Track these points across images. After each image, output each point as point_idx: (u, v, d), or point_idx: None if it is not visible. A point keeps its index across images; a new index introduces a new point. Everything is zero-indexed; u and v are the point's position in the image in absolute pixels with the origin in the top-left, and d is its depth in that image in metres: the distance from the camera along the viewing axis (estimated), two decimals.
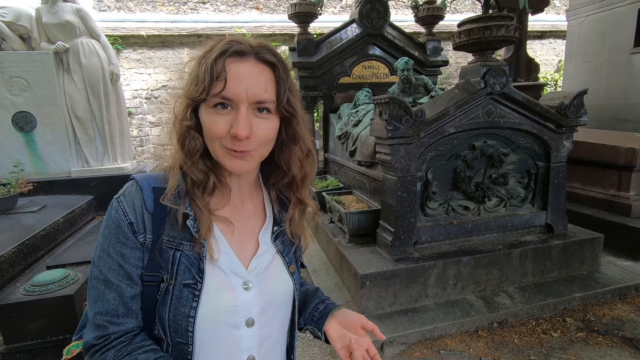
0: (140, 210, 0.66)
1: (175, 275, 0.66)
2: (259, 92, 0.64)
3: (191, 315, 0.66)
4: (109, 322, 0.65)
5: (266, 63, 0.66)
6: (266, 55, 0.66)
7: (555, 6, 10.53)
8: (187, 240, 0.67)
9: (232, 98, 0.63)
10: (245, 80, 0.63)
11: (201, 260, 0.67)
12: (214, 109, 0.64)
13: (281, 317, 0.79)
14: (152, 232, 0.66)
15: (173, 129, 0.69)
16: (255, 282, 0.71)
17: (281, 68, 0.67)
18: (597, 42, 5.16)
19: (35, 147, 4.42)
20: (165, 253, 0.66)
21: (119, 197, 0.68)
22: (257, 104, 0.64)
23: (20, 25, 4.35)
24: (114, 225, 0.66)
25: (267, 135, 0.67)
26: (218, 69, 0.62)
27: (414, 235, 2.51)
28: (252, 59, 0.65)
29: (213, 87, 0.62)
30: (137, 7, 8.83)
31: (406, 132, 2.33)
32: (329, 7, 9.59)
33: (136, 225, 0.65)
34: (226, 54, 0.63)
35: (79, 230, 3.45)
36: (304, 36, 4.34)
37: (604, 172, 3.35)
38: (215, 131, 0.64)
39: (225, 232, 0.71)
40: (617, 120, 4.81)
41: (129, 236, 0.65)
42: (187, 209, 0.67)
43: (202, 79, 0.63)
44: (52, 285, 2.01)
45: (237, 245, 0.72)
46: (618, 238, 3.02)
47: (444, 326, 2.26)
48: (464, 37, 2.48)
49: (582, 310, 2.47)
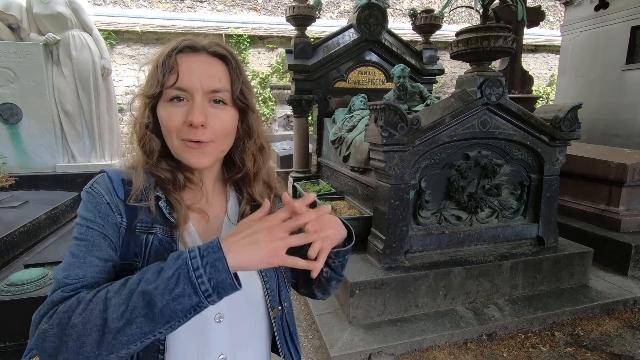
0: (114, 196, 0.65)
1: (147, 259, 0.64)
2: (212, 82, 0.66)
3: None
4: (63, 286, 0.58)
5: (218, 56, 0.68)
6: (217, 49, 0.68)
7: (550, 21, 10.72)
8: (159, 223, 0.66)
9: (187, 88, 0.64)
10: (199, 72, 0.65)
11: (174, 242, 0.66)
12: (170, 103, 0.65)
13: (254, 314, 0.74)
14: (126, 217, 0.65)
15: (133, 131, 0.70)
16: None
17: (233, 61, 0.69)
18: (590, 58, 5.23)
19: (20, 140, 4.30)
20: (138, 238, 0.65)
21: (92, 184, 0.67)
22: (212, 94, 0.66)
23: (10, 14, 4.24)
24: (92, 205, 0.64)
25: (224, 125, 0.68)
26: (171, 63, 0.64)
27: (406, 243, 2.48)
28: (204, 53, 0.68)
29: (167, 80, 0.64)
30: (133, 2, 8.72)
31: (401, 140, 2.30)
32: (327, 11, 9.61)
33: (113, 206, 0.64)
34: (177, 48, 0.66)
35: (62, 228, 3.34)
36: (301, 39, 4.31)
37: (594, 186, 3.37)
38: (171, 123, 0.64)
39: (196, 223, 0.71)
40: (607, 135, 4.87)
41: (109, 213, 0.64)
42: (158, 192, 0.67)
43: (155, 75, 0.64)
44: (29, 285, 1.92)
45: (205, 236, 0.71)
46: (607, 252, 3.03)
47: (433, 337, 2.22)
48: (461, 47, 2.47)
49: (570, 324, 2.46)
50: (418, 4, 10.15)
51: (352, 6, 9.16)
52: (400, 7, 10.18)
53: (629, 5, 4.67)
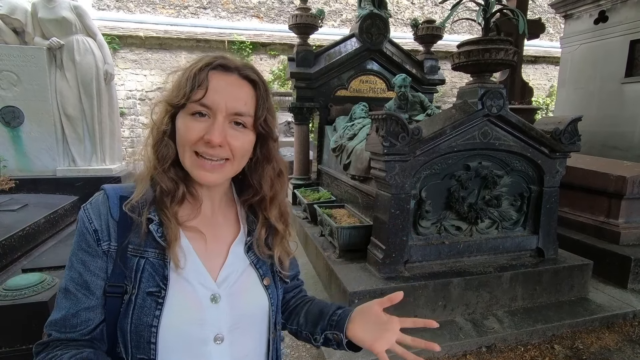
0: (106, 217, 0.65)
1: (138, 284, 0.63)
2: (238, 105, 0.66)
3: (154, 325, 0.62)
4: (54, 330, 0.63)
5: (248, 80, 0.69)
6: (249, 72, 0.69)
7: (549, 33, 10.82)
8: (151, 247, 0.66)
9: (211, 106, 0.64)
10: (226, 92, 0.65)
11: (165, 267, 0.65)
12: (192, 117, 0.65)
13: (255, 335, 0.74)
14: (116, 240, 0.65)
15: (150, 135, 0.69)
16: (224, 295, 0.68)
17: (262, 87, 0.70)
18: (589, 70, 5.28)
19: (21, 143, 4.30)
20: (129, 261, 0.64)
21: (86, 205, 0.67)
22: (235, 116, 0.66)
23: (15, 18, 4.27)
24: (80, 233, 0.65)
25: (242, 147, 0.68)
26: (201, 78, 0.64)
27: (405, 253, 2.47)
28: (235, 74, 0.68)
29: (194, 94, 0.64)
30: (137, 7, 8.80)
31: (402, 149, 2.31)
32: (330, 20, 9.70)
33: (100, 233, 0.65)
34: (210, 65, 0.66)
35: (61, 232, 3.33)
36: (304, 47, 4.34)
37: (594, 198, 3.37)
38: (188, 136, 0.65)
39: (194, 242, 0.70)
40: (606, 147, 4.89)
41: (91, 244, 0.64)
42: (152, 214, 0.66)
43: (183, 86, 0.64)
44: (26, 290, 1.91)
45: (206, 257, 0.70)
46: (606, 265, 3.03)
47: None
48: (463, 58, 2.50)
49: (570, 337, 2.45)
50: (419, 14, 10.25)
51: (354, 15, 9.25)
52: (402, 17, 10.28)
53: (627, 19, 4.72)
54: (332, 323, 0.81)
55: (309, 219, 3.66)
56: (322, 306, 0.88)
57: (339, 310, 0.84)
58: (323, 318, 0.83)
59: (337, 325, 0.80)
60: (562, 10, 5.57)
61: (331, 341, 0.81)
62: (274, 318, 0.77)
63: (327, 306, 0.87)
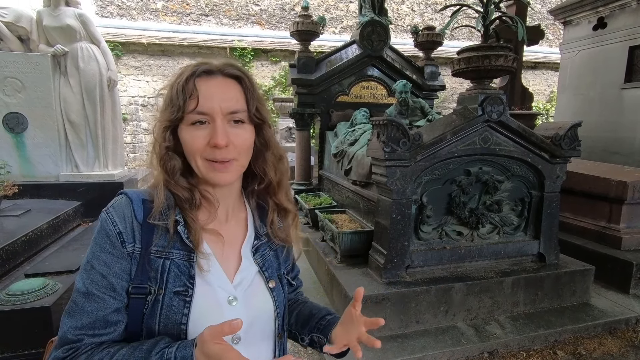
0: (130, 220, 0.67)
1: (165, 284, 0.66)
2: (230, 104, 0.69)
3: (183, 323, 0.65)
4: (84, 334, 0.63)
5: (232, 77, 0.71)
6: (231, 70, 0.71)
7: (549, 39, 10.89)
8: (177, 248, 0.68)
9: (208, 112, 0.67)
10: (216, 95, 0.68)
11: (191, 267, 0.67)
12: (193, 127, 0.68)
13: (266, 336, 0.78)
14: (141, 242, 0.67)
15: (153, 152, 0.72)
16: (240, 298, 0.71)
17: (247, 80, 0.73)
18: (589, 76, 5.30)
19: (25, 149, 4.33)
20: (154, 263, 0.66)
21: (108, 208, 0.68)
22: (231, 115, 0.69)
23: (20, 26, 4.33)
24: (102, 235, 0.66)
25: (245, 142, 0.72)
26: (189, 88, 0.67)
27: (407, 258, 2.48)
28: (219, 75, 0.70)
29: (187, 105, 0.66)
30: (139, 15, 8.89)
31: (403, 155, 2.32)
32: (330, 26, 9.79)
33: (125, 235, 0.66)
34: (195, 74, 0.69)
35: (63, 237, 3.34)
36: (305, 54, 4.38)
37: (595, 204, 3.38)
38: (195, 145, 0.67)
39: (213, 245, 0.72)
40: (607, 152, 4.90)
41: (117, 245, 0.65)
42: (177, 216, 0.69)
43: (175, 100, 0.67)
44: (29, 295, 1.92)
45: (223, 260, 0.73)
46: (608, 270, 3.02)
47: (433, 354, 2.20)
48: (463, 65, 2.52)
49: (572, 343, 2.44)
50: (419, 21, 10.34)
51: (354, 22, 9.33)
52: (402, 24, 10.37)
53: (626, 25, 4.76)
54: (319, 327, 0.86)
55: (310, 224, 3.67)
56: (313, 309, 0.92)
57: (329, 316, 0.88)
58: (312, 320, 0.88)
59: (323, 330, 0.84)
60: (561, 17, 5.62)
61: (316, 343, 0.86)
62: (281, 320, 0.80)
63: (318, 310, 0.92)
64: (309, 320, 0.88)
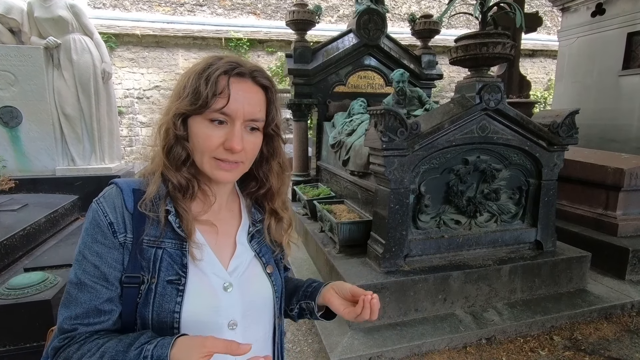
0: (121, 209, 0.67)
1: (157, 273, 0.66)
2: (254, 111, 0.69)
3: (176, 311, 0.65)
4: (78, 324, 0.64)
5: (260, 86, 0.71)
6: (261, 79, 0.71)
7: (547, 26, 10.81)
8: (169, 237, 0.68)
9: (231, 114, 0.66)
10: (244, 99, 0.67)
11: (184, 255, 0.68)
12: (210, 123, 0.67)
13: (264, 322, 0.79)
14: (132, 232, 0.67)
15: (158, 135, 0.71)
16: (235, 284, 0.72)
17: (273, 91, 0.73)
18: (586, 64, 5.28)
19: (20, 143, 4.30)
20: (146, 252, 0.66)
21: (99, 198, 0.68)
22: (250, 122, 0.69)
23: (11, 18, 4.25)
24: (93, 226, 0.66)
25: (254, 150, 0.73)
26: (221, 86, 0.65)
27: (405, 247, 2.49)
28: (250, 80, 0.69)
29: (215, 102, 0.65)
30: (132, 5, 8.76)
31: (401, 144, 2.32)
32: (327, 15, 9.67)
33: (116, 225, 0.66)
34: (229, 73, 0.67)
35: (61, 231, 3.33)
36: (301, 43, 4.34)
37: (591, 191, 3.39)
38: (208, 143, 0.67)
39: (206, 235, 0.73)
40: (604, 140, 4.91)
41: (108, 235, 0.65)
42: (168, 205, 0.68)
43: (203, 93, 0.65)
44: (29, 289, 1.92)
45: (217, 248, 0.73)
46: (605, 257, 3.05)
47: (432, 342, 2.23)
48: (460, 53, 2.50)
49: (569, 328, 2.47)
50: (417, 9, 10.23)
51: (351, 11, 9.23)
52: (399, 12, 10.26)
53: (624, 11, 4.72)
54: (306, 294, 0.88)
55: (309, 215, 3.67)
56: (297, 282, 0.96)
57: (314, 283, 0.91)
58: (298, 291, 0.91)
59: (310, 296, 0.87)
60: (560, 4, 5.57)
61: (305, 310, 0.89)
62: (278, 303, 0.82)
63: (301, 281, 0.95)
64: (295, 292, 0.91)
